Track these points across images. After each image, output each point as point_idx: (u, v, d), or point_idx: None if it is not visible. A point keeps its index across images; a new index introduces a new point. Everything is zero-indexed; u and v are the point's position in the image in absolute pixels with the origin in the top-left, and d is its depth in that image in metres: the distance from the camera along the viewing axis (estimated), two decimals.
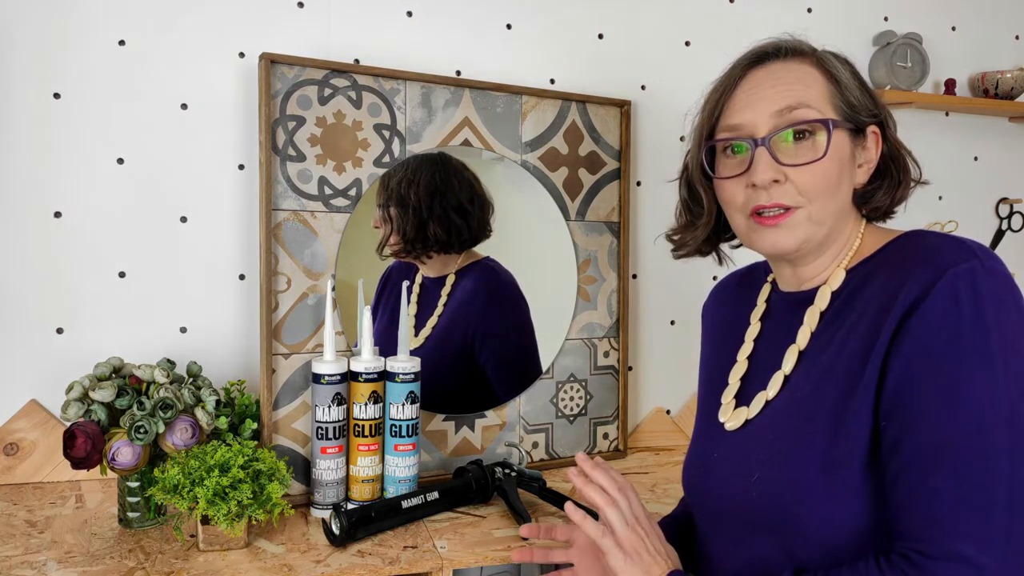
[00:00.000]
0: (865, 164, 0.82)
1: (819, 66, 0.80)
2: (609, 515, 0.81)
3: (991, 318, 0.67)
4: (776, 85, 0.79)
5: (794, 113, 0.77)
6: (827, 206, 0.78)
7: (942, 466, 0.66)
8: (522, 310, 1.48)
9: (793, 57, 0.81)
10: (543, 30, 1.58)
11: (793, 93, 0.78)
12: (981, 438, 0.65)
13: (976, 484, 0.65)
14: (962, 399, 0.66)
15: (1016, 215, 1.99)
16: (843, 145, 0.79)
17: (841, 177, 0.79)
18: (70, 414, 1.11)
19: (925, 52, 1.81)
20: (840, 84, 0.79)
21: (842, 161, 0.78)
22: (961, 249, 0.70)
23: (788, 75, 0.79)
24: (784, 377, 0.82)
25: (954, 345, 0.67)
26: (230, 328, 1.41)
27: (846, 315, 0.77)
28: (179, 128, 1.37)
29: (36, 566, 1.00)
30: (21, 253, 1.31)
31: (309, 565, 1.02)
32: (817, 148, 0.77)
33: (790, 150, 0.78)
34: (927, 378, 0.68)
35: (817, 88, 0.79)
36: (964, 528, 0.65)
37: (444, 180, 1.39)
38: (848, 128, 0.79)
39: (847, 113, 0.79)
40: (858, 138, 0.81)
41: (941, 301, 0.68)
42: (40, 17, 1.30)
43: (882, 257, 0.79)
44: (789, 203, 0.78)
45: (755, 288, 0.95)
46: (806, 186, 0.77)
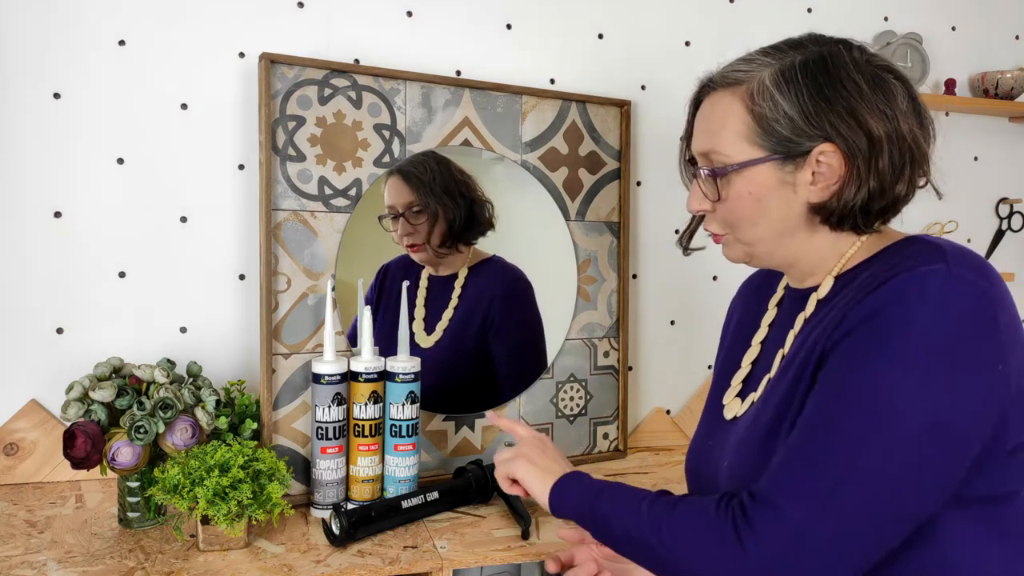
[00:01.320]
0: (822, 182, 0.78)
1: (745, 100, 0.80)
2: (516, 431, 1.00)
3: (923, 319, 0.67)
4: (702, 124, 0.85)
5: (708, 157, 0.83)
6: (752, 232, 0.83)
7: (803, 434, 0.71)
8: (535, 305, 1.49)
9: (726, 89, 0.82)
10: (543, 30, 1.58)
11: (710, 135, 0.82)
12: (845, 419, 0.68)
13: (816, 452, 0.69)
14: (848, 384, 0.69)
15: (1016, 215, 1.99)
16: (760, 179, 0.80)
17: (760, 207, 0.81)
18: (70, 414, 1.11)
19: (925, 52, 1.81)
20: (764, 118, 0.78)
21: (757, 196, 0.80)
22: (933, 254, 0.71)
23: (711, 114, 0.83)
24: (768, 380, 0.85)
25: (870, 334, 0.70)
26: (230, 328, 1.41)
27: (819, 317, 0.80)
28: (179, 128, 1.37)
29: (36, 566, 1.00)
30: (21, 253, 1.31)
31: (309, 565, 1.02)
32: (721, 189, 0.82)
33: (709, 187, 0.84)
34: (836, 357, 0.72)
35: (734, 127, 0.80)
36: (787, 483, 0.69)
37: (460, 171, 1.41)
38: (771, 160, 0.79)
39: (772, 146, 0.79)
40: (797, 161, 0.78)
41: (883, 296, 0.70)
42: (40, 17, 1.30)
43: (869, 265, 0.79)
44: (716, 231, 0.86)
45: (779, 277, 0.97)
46: (725, 218, 0.84)
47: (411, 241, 1.38)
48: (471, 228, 1.42)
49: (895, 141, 0.78)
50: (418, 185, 1.36)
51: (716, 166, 0.82)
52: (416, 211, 1.36)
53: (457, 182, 1.40)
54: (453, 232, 1.39)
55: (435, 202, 1.37)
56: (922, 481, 0.67)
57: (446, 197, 1.38)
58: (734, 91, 0.81)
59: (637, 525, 0.78)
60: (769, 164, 0.79)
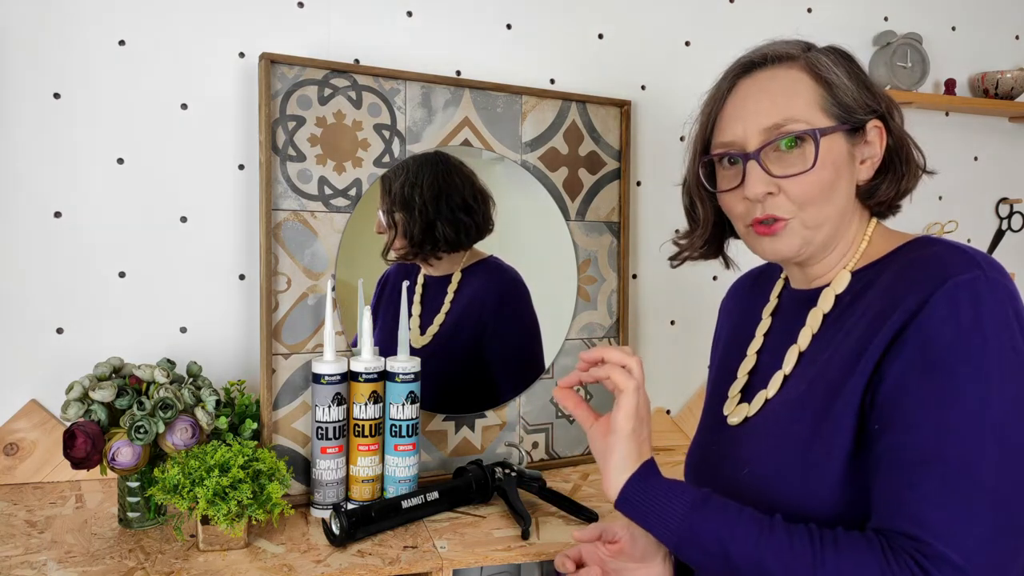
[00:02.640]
0: (868, 160, 0.81)
1: (808, 70, 0.80)
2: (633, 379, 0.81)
3: (989, 329, 0.67)
4: (763, 98, 0.80)
5: (782, 129, 0.78)
6: (822, 211, 0.79)
7: (926, 472, 0.67)
8: (531, 307, 1.49)
9: (780, 64, 0.80)
10: (543, 30, 1.58)
11: (779, 107, 0.78)
12: (967, 446, 0.66)
13: (959, 492, 0.66)
14: (952, 405, 0.67)
15: (1016, 215, 1.99)
16: (837, 149, 0.79)
17: (837, 181, 0.79)
18: (70, 414, 1.11)
19: (925, 52, 1.81)
20: (831, 86, 0.79)
21: (837, 166, 0.79)
22: (965, 259, 0.71)
23: (774, 85, 0.80)
24: (784, 377, 0.84)
25: (949, 353, 0.68)
26: (230, 328, 1.41)
27: (847, 318, 0.78)
28: (179, 128, 1.37)
29: (36, 566, 1.00)
30: (21, 253, 1.31)
31: (309, 565, 1.02)
32: (806, 159, 0.77)
33: (781, 160, 0.79)
34: (921, 383, 0.69)
35: (805, 95, 0.79)
36: (952, 536, 0.65)
37: (447, 179, 1.39)
38: (843, 130, 0.79)
39: (840, 115, 0.79)
40: (857, 136, 0.80)
41: (941, 310, 0.69)
42: (40, 17, 1.30)
43: (887, 263, 0.79)
44: (783, 215, 0.79)
45: (770, 283, 0.96)
46: (799, 196, 0.78)
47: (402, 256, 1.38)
48: (465, 240, 1.40)
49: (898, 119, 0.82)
50: (387, 190, 1.36)
51: (798, 131, 0.77)
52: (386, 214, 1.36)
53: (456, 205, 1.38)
54: (447, 246, 1.38)
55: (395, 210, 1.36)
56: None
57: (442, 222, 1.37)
58: (790, 65, 0.80)
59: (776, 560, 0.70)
60: (842, 134, 0.79)
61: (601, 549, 0.93)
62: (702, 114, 0.86)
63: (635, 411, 0.81)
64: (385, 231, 1.36)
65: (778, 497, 0.76)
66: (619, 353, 0.83)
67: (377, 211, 1.36)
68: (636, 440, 0.81)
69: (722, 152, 0.83)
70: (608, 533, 0.92)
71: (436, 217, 1.37)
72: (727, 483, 0.83)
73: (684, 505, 0.76)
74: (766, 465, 0.79)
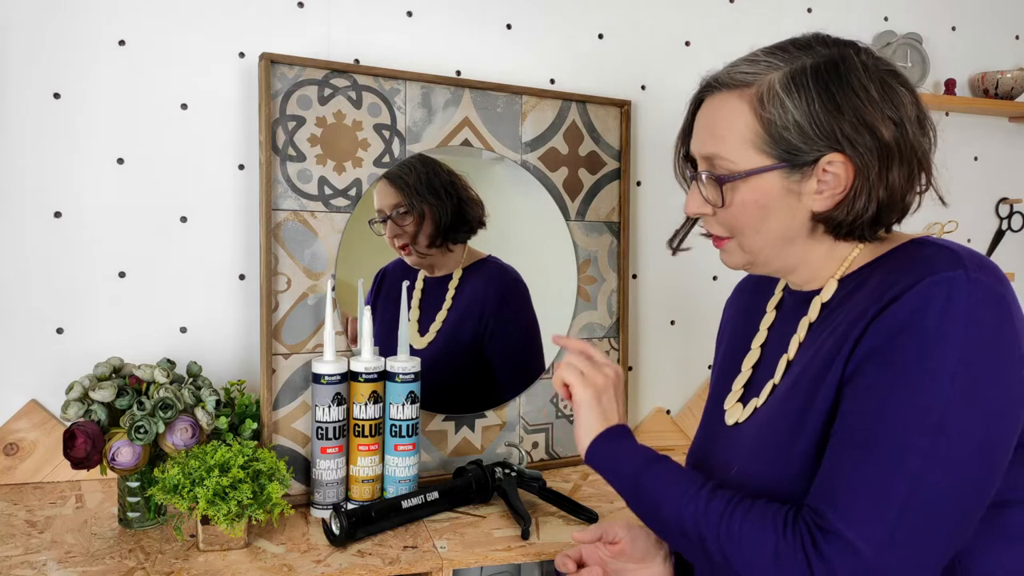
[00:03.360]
0: (827, 191, 0.77)
1: (752, 104, 0.77)
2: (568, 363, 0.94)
3: (955, 325, 0.67)
4: (704, 127, 0.83)
5: (711, 162, 0.81)
6: (752, 240, 0.81)
7: (855, 451, 0.69)
8: (531, 306, 1.49)
9: (732, 90, 0.79)
10: (543, 30, 1.58)
11: (714, 139, 0.80)
12: (899, 436, 0.67)
13: (877, 474, 0.67)
14: (894, 397, 0.68)
15: (1016, 215, 1.99)
16: (764, 187, 0.78)
17: (764, 217, 0.79)
18: (70, 414, 1.11)
19: (925, 52, 1.81)
20: (770, 124, 0.76)
21: (761, 204, 0.79)
22: (950, 259, 0.70)
23: (717, 116, 0.81)
24: (773, 386, 0.84)
25: (907, 346, 0.68)
26: (230, 328, 1.41)
27: (831, 321, 0.79)
28: (179, 128, 1.37)
29: (36, 566, 1.00)
30: (21, 253, 1.31)
31: (309, 565, 1.02)
32: (725, 194, 0.80)
33: (712, 190, 0.82)
34: (872, 372, 0.70)
35: (739, 132, 0.78)
36: (854, 512, 0.67)
37: (448, 172, 1.41)
38: (778, 168, 0.77)
39: (779, 153, 0.77)
40: (804, 169, 0.77)
41: (910, 304, 0.69)
42: (40, 17, 1.30)
43: (876, 267, 0.78)
44: (718, 234, 0.84)
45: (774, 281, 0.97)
46: (728, 223, 0.82)
47: (400, 243, 1.38)
48: (458, 227, 1.41)
49: (904, 150, 0.76)
50: (403, 186, 1.36)
51: (720, 172, 0.80)
52: (403, 212, 1.36)
53: (443, 181, 1.40)
54: (440, 231, 1.39)
55: (419, 202, 1.37)
56: (980, 494, 0.68)
57: (430, 196, 1.38)
58: (741, 93, 0.78)
59: (692, 517, 0.76)
60: (775, 173, 0.78)
61: (602, 549, 0.94)
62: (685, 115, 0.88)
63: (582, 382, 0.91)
64: (401, 227, 1.36)
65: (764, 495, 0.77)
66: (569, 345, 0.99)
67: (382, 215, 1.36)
68: (598, 406, 0.90)
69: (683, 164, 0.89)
70: (608, 534, 0.93)
71: (459, 200, 1.41)
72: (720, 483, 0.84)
73: (632, 465, 0.84)
74: (752, 463, 0.81)
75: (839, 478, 0.70)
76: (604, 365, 0.94)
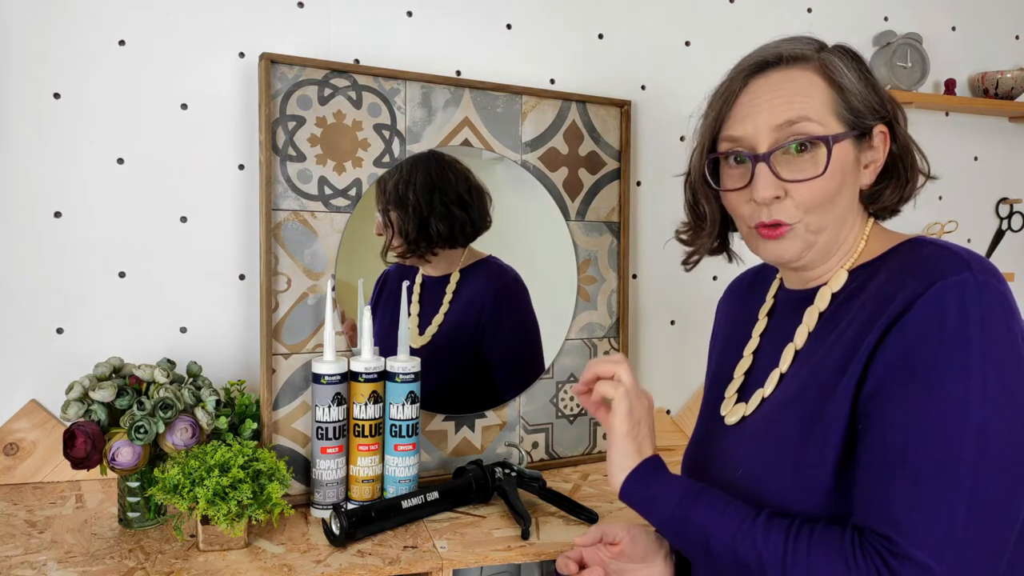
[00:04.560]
0: (872, 164, 0.81)
1: (822, 72, 0.79)
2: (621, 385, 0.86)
3: (974, 331, 0.67)
4: (776, 97, 0.78)
5: (794, 127, 0.77)
6: (825, 216, 0.79)
7: (903, 470, 0.68)
8: (530, 306, 1.49)
9: (795, 64, 0.79)
10: (543, 30, 1.58)
11: (793, 106, 0.77)
12: (944, 447, 0.66)
13: (934, 492, 0.66)
14: (931, 407, 0.67)
15: (1016, 215, 1.99)
16: (845, 155, 0.78)
17: (842, 187, 0.79)
18: (70, 414, 1.11)
19: (925, 52, 1.81)
20: (844, 90, 0.78)
21: (844, 171, 0.78)
22: (956, 261, 0.70)
23: (789, 85, 0.79)
24: (780, 375, 0.84)
25: (932, 354, 0.68)
26: (230, 328, 1.41)
27: (840, 318, 0.78)
28: (179, 128, 1.37)
29: (36, 566, 1.00)
30: (21, 253, 1.31)
31: (309, 565, 1.02)
32: (817, 164, 0.77)
33: (791, 164, 0.78)
34: (901, 384, 0.69)
35: (818, 98, 0.78)
36: (920, 534, 0.66)
37: (440, 176, 1.39)
38: (853, 135, 0.79)
39: (851, 120, 0.78)
40: (863, 141, 0.80)
41: (926, 311, 0.69)
42: (40, 17, 1.30)
43: (882, 262, 0.79)
44: (787, 220, 0.79)
45: (766, 284, 0.96)
46: (805, 200, 0.78)
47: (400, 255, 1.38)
48: (462, 238, 1.40)
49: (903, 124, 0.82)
50: (382, 190, 1.36)
51: (810, 136, 0.76)
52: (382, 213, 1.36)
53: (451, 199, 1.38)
54: (410, 239, 1.37)
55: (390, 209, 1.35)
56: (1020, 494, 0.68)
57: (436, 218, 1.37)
58: (804, 66, 0.79)
59: (752, 550, 0.73)
60: (850, 141, 0.79)
61: (602, 551, 0.94)
62: (711, 108, 0.84)
63: (628, 414, 0.86)
64: (383, 232, 1.36)
65: (771, 498, 0.77)
66: (606, 364, 0.89)
67: (375, 212, 1.36)
68: (634, 440, 0.86)
69: (730, 150, 0.81)
70: (608, 535, 0.93)
71: (429, 213, 1.37)
72: (722, 484, 0.84)
73: (675, 498, 0.80)
74: (760, 466, 0.79)
75: (893, 499, 0.68)
76: (644, 394, 0.89)
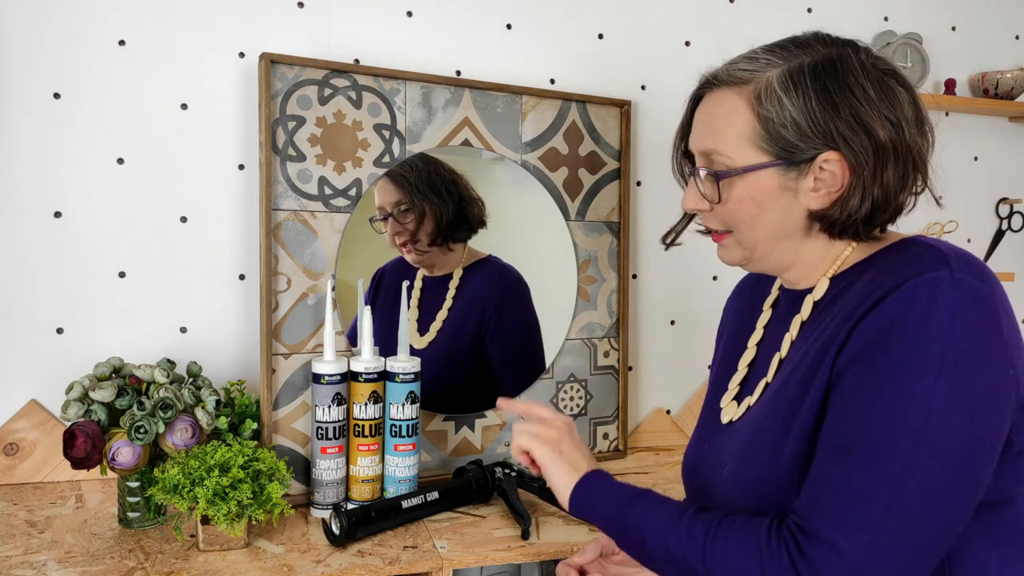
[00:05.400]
0: (823, 189, 0.78)
1: (750, 101, 0.78)
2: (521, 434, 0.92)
3: (938, 328, 0.67)
4: (702, 123, 0.83)
5: (710, 157, 0.81)
6: (749, 236, 0.82)
7: (840, 457, 0.69)
8: (531, 306, 1.49)
9: (729, 87, 0.80)
10: (543, 30, 1.58)
11: (712, 135, 0.81)
12: (881, 438, 0.67)
13: (861, 478, 0.67)
14: (877, 400, 0.68)
15: (1016, 215, 1.99)
16: (761, 184, 0.78)
17: (761, 213, 0.80)
18: (70, 414, 1.11)
19: (925, 52, 1.81)
20: (768, 122, 0.77)
21: (758, 200, 0.79)
22: (936, 259, 0.70)
23: (714, 111, 0.81)
24: (766, 384, 0.85)
25: (889, 348, 0.68)
26: (230, 328, 1.41)
27: (821, 321, 0.79)
28: (179, 128, 1.37)
29: (36, 566, 1.00)
30: (21, 253, 1.31)
31: (309, 565, 1.02)
32: (723, 190, 0.81)
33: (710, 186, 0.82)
34: (855, 375, 0.70)
35: (737, 128, 0.78)
36: (838, 516, 0.67)
37: (449, 171, 1.41)
38: (775, 165, 0.78)
39: (775, 151, 0.77)
40: (800, 167, 0.77)
41: (893, 306, 0.69)
42: (40, 17, 1.30)
43: (867, 266, 0.78)
44: (717, 228, 0.85)
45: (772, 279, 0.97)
46: (725, 218, 0.82)
47: (401, 240, 1.38)
48: (459, 226, 1.41)
49: (900, 150, 0.76)
50: (404, 184, 1.36)
51: (718, 168, 0.80)
52: (404, 210, 1.36)
53: (444, 180, 1.40)
54: (441, 229, 1.39)
55: (420, 199, 1.37)
56: (965, 496, 0.67)
57: (432, 194, 1.38)
58: (739, 91, 0.79)
59: (678, 544, 0.76)
60: (772, 170, 0.78)
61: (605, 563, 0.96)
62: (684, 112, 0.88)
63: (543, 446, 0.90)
64: (402, 225, 1.36)
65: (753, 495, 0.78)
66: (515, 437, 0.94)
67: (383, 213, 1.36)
68: (564, 462, 0.89)
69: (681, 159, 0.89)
70: (607, 547, 0.96)
71: (460, 200, 1.40)
72: (714, 482, 0.86)
73: (612, 503, 0.84)
74: (743, 463, 0.81)
75: (824, 483, 0.70)
76: (552, 419, 0.93)
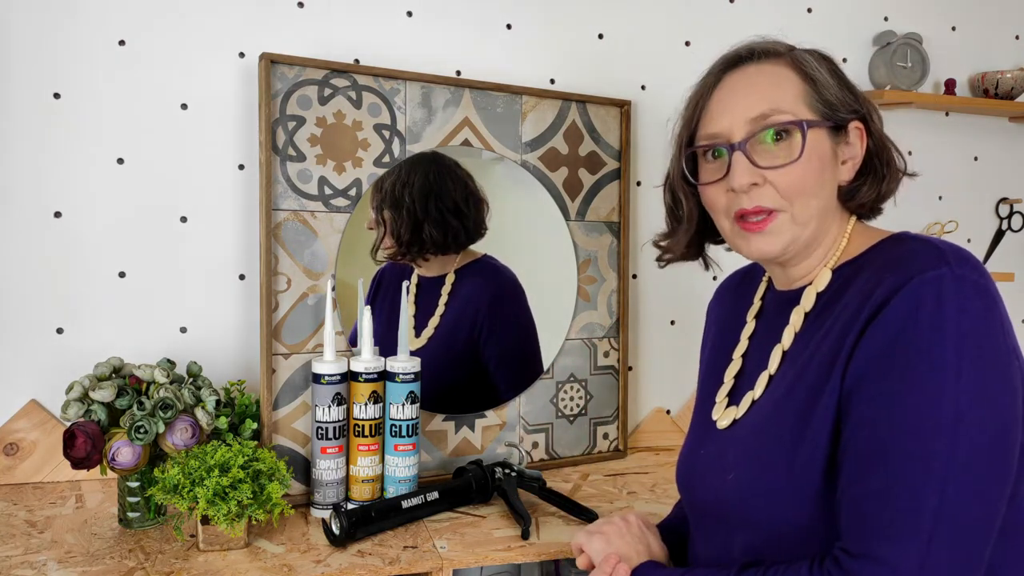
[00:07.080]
0: (849, 160, 0.81)
1: (794, 66, 0.80)
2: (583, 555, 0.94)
3: (950, 326, 0.67)
4: (750, 90, 0.80)
5: (769, 119, 0.78)
6: (809, 206, 0.79)
7: (876, 467, 0.67)
8: (526, 307, 1.48)
9: (767, 59, 0.81)
10: (543, 30, 1.58)
11: (766, 97, 0.78)
12: (917, 442, 0.66)
13: (905, 486, 0.66)
14: (905, 403, 0.67)
15: (1016, 215, 1.99)
16: (822, 144, 0.79)
17: (822, 176, 0.79)
18: (70, 414, 1.11)
19: (925, 52, 1.81)
20: (816, 83, 0.79)
21: (822, 160, 0.78)
22: (935, 256, 0.70)
23: (762, 78, 0.80)
24: (769, 377, 0.83)
25: (906, 350, 0.68)
26: (230, 328, 1.41)
27: (826, 317, 0.78)
28: (179, 128, 1.37)
29: (36, 566, 1.00)
30: (21, 253, 1.31)
31: (309, 565, 1.02)
32: (793, 150, 0.77)
33: (767, 153, 0.78)
34: (876, 380, 0.69)
35: (791, 89, 0.79)
36: (886, 528, 0.66)
37: (438, 180, 1.38)
38: (827, 126, 0.79)
39: (824, 112, 0.79)
40: (839, 135, 0.80)
41: (902, 307, 0.69)
42: (40, 17, 1.30)
43: (865, 260, 0.79)
44: (770, 206, 0.78)
45: (753, 286, 0.96)
46: (785, 188, 0.78)
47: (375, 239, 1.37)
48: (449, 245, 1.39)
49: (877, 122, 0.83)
50: (378, 188, 1.35)
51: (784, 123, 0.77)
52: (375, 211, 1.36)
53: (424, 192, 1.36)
54: (401, 241, 1.36)
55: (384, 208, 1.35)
56: (1003, 488, 0.67)
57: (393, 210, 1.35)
58: (776, 61, 0.80)
59: None
60: (825, 132, 0.79)
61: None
62: (687, 108, 0.86)
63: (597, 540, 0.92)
64: (375, 228, 1.36)
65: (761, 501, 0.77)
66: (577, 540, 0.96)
67: (369, 208, 1.35)
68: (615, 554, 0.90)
69: (707, 144, 0.82)
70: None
71: (424, 218, 1.36)
72: (713, 489, 0.84)
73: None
74: (750, 470, 0.79)
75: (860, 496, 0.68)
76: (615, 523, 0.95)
